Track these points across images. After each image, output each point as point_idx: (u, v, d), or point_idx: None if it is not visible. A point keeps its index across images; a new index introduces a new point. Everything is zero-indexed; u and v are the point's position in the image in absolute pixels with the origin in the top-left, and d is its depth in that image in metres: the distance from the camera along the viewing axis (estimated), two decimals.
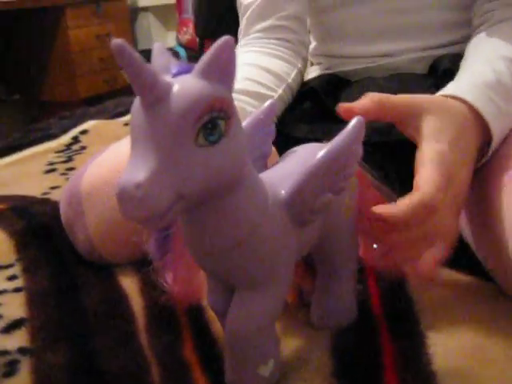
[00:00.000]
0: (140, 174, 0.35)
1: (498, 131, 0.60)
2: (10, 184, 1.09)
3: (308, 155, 0.47)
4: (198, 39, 3.34)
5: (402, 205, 0.50)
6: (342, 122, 0.72)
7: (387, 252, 0.54)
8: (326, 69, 0.93)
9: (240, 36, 0.88)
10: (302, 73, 0.88)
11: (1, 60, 3.53)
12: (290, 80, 0.82)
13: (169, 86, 0.36)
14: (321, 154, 0.45)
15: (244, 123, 0.52)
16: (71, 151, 1.29)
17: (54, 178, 1.12)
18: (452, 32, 0.81)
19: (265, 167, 0.53)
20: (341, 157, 0.45)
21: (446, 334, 0.54)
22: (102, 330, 0.60)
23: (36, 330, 0.61)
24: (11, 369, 0.54)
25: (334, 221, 0.52)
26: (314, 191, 0.45)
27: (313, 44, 0.97)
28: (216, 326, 0.58)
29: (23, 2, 3.12)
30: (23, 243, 0.81)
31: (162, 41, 3.93)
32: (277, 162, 0.52)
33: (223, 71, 0.38)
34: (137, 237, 0.53)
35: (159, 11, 3.92)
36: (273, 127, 0.55)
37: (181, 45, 3.47)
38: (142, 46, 3.97)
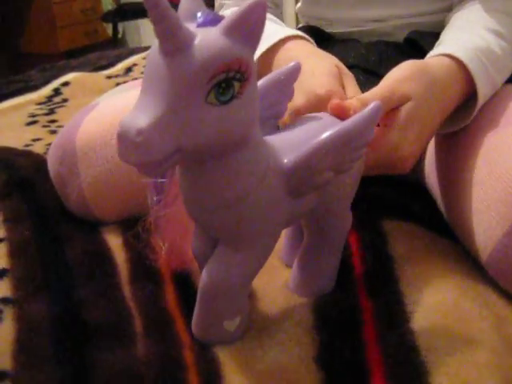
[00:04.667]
0: (143, 119, 0.35)
1: (483, 93, 0.62)
2: None
3: (320, 128, 0.46)
4: None
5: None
6: None
7: None
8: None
9: (222, 6, 0.90)
10: None
11: None
12: None
13: (190, 37, 0.35)
14: (331, 131, 0.44)
15: (263, 80, 0.51)
16: (53, 103, 1.27)
17: (36, 130, 1.10)
18: (435, 0, 0.80)
19: (276, 127, 0.53)
20: (351, 139, 0.44)
21: (424, 292, 0.55)
22: (85, 281, 0.60)
23: (18, 281, 0.61)
24: None
25: (332, 197, 0.51)
26: (317, 168, 0.45)
27: (300, 4, 0.97)
28: (198, 278, 0.58)
29: None
30: (5, 194, 0.80)
31: None
32: (288, 127, 0.51)
33: (250, 32, 0.37)
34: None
35: None
36: (292, 89, 0.54)
37: None
38: None
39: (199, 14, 0.38)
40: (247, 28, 0.37)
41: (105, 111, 0.73)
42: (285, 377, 0.46)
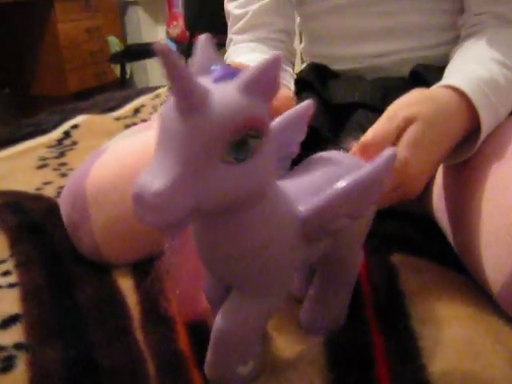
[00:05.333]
0: (160, 181, 0.34)
1: (487, 123, 0.62)
2: (3, 179, 1.10)
3: (335, 173, 0.46)
4: (188, 33, 3.34)
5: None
6: (335, 111, 0.72)
7: None
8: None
9: (231, 41, 0.92)
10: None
11: None
12: (294, 76, 0.87)
13: (207, 96, 0.35)
14: (347, 181, 0.43)
15: (277, 121, 0.51)
16: (63, 146, 1.29)
17: (46, 174, 1.12)
18: (437, 34, 0.82)
19: (288, 166, 0.52)
20: (366, 188, 0.44)
21: (436, 328, 0.55)
22: (97, 324, 0.61)
23: (31, 326, 0.61)
24: (8, 364, 0.55)
25: (346, 240, 0.51)
26: (332, 216, 0.44)
27: (303, 43, 0.99)
28: (210, 320, 0.59)
29: None
30: (17, 239, 0.81)
31: (152, 34, 3.92)
32: (302, 168, 0.50)
33: (266, 88, 0.37)
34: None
35: (148, 5, 3.92)
36: (305, 128, 0.53)
37: (171, 39, 3.47)
38: (132, 39, 3.97)
39: (215, 68, 0.38)
40: (264, 84, 0.36)
41: (113, 156, 0.74)
42: None
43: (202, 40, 0.40)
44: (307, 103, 0.53)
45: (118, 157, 0.73)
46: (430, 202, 0.74)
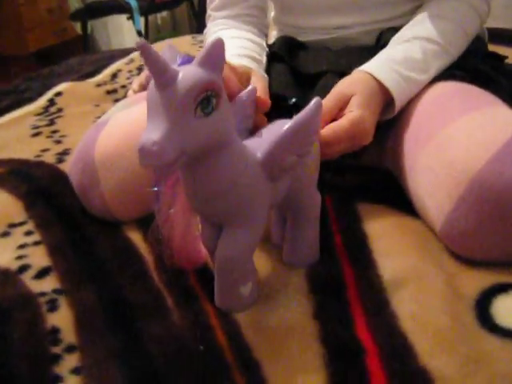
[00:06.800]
0: (155, 134, 0.49)
1: (399, 94, 0.80)
2: (1, 149, 1.18)
3: (279, 128, 0.60)
4: None
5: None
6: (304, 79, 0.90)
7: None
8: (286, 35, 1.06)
9: (209, 17, 1.03)
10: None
11: None
12: (266, 49, 0.99)
13: (176, 73, 0.50)
14: (287, 126, 0.59)
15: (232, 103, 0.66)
16: (49, 113, 1.37)
17: (42, 141, 1.21)
18: (396, 8, 0.94)
19: (247, 136, 0.66)
20: (302, 129, 0.59)
21: (392, 259, 0.70)
22: (119, 271, 0.74)
23: (63, 275, 0.74)
24: (53, 305, 0.68)
25: (300, 177, 0.66)
26: (283, 154, 0.59)
27: (273, 12, 1.10)
28: (210, 264, 0.72)
29: None
30: (30, 203, 0.92)
31: None
32: (257, 133, 0.65)
33: (215, 62, 0.52)
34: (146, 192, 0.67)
35: None
36: (253, 107, 0.70)
37: None
38: None
39: (178, 58, 0.55)
40: (213, 60, 0.51)
41: (116, 128, 0.85)
42: (290, 329, 0.60)
43: (168, 45, 0.60)
44: (251, 88, 0.71)
45: (120, 128, 0.85)
46: (387, 158, 0.88)
